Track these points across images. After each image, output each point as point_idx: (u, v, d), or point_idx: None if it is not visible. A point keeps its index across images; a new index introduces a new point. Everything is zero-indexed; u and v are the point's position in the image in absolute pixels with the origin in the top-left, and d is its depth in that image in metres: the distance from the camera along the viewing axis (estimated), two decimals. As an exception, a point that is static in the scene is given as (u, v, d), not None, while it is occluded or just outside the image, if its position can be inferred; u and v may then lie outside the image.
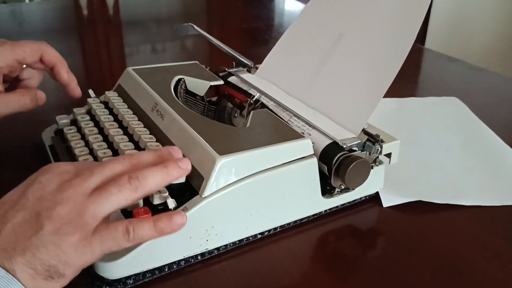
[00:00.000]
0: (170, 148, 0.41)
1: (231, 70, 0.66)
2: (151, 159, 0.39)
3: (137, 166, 0.38)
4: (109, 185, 0.35)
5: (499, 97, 0.87)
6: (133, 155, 0.39)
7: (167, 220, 0.36)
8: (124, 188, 0.35)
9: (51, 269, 0.33)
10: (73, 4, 1.52)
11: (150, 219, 0.36)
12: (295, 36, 0.62)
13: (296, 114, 0.53)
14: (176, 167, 0.38)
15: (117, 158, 0.38)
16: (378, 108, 0.77)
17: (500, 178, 0.59)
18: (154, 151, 0.40)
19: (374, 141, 0.50)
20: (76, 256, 0.33)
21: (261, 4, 1.63)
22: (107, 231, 0.35)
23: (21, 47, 0.51)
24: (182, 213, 0.38)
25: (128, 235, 0.35)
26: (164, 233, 0.37)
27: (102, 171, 0.36)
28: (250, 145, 0.44)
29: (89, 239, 0.34)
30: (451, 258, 0.46)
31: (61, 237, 0.33)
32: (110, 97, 0.59)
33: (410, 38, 0.49)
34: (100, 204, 0.34)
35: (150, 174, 0.37)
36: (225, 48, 0.68)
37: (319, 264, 0.45)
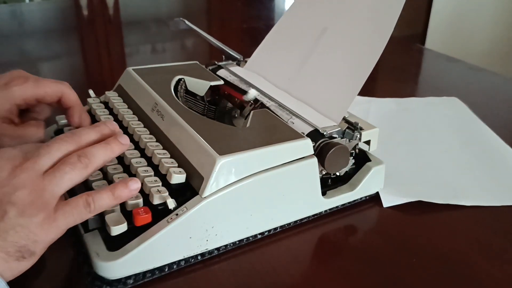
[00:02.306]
0: (108, 122, 0.44)
1: (221, 63, 0.68)
2: (92, 137, 0.42)
3: (80, 144, 0.40)
4: (61, 164, 0.38)
5: (499, 97, 0.87)
6: (75, 133, 0.41)
7: (123, 187, 0.39)
8: (75, 166, 0.38)
9: (22, 249, 0.35)
10: (73, 4, 1.52)
11: (107, 188, 0.39)
12: (282, 31, 0.65)
13: (281, 104, 0.55)
14: (118, 143, 0.42)
15: (60, 137, 0.40)
16: (378, 108, 0.78)
17: (500, 178, 0.59)
18: (94, 127, 0.43)
19: (354, 129, 0.51)
20: (44, 234, 0.36)
21: (261, 4, 1.63)
22: (68, 207, 0.37)
23: (42, 87, 0.50)
24: (136, 179, 0.40)
25: (89, 206, 0.38)
26: (122, 199, 0.40)
27: (49, 152, 0.38)
28: (250, 145, 0.44)
29: (53, 217, 0.36)
30: (451, 258, 0.46)
31: (26, 218, 0.35)
32: (110, 97, 0.59)
33: (387, 32, 0.52)
34: (57, 183, 0.37)
35: (96, 151, 0.40)
36: (215, 42, 0.69)
37: (319, 264, 0.45)
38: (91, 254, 0.39)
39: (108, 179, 0.45)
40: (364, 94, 0.82)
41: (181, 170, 0.44)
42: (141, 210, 0.41)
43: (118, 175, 0.45)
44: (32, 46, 1.11)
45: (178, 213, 0.41)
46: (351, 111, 0.57)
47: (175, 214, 0.41)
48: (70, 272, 0.43)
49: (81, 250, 0.42)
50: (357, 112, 0.57)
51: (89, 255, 0.40)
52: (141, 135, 0.50)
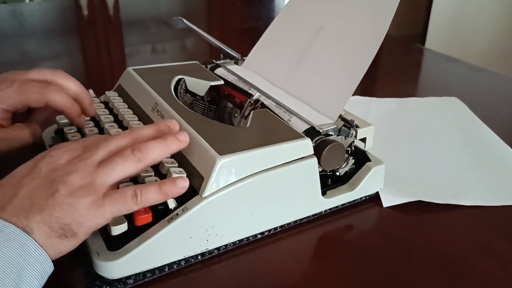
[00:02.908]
0: (168, 121, 0.45)
1: (219, 62, 0.68)
2: (150, 133, 0.43)
3: (138, 140, 0.42)
4: (115, 156, 0.39)
5: (499, 97, 0.87)
6: (134, 130, 0.43)
7: (171, 184, 0.40)
8: (128, 159, 0.39)
9: (65, 227, 0.36)
10: (73, 4, 1.52)
11: (155, 183, 0.40)
12: (279, 29, 0.66)
13: (278, 102, 0.55)
14: (175, 139, 0.42)
15: (120, 134, 0.42)
16: (378, 108, 0.78)
17: (500, 178, 0.59)
18: (153, 125, 0.44)
19: (350, 126, 0.52)
20: (89, 216, 0.36)
21: (261, 4, 1.63)
22: (116, 195, 0.38)
23: (26, 93, 0.49)
24: (185, 177, 0.41)
25: (136, 198, 0.38)
26: (169, 196, 0.40)
27: (107, 146, 0.40)
28: (250, 145, 0.44)
29: (100, 202, 0.37)
30: (451, 258, 0.46)
31: (75, 198, 0.36)
32: (110, 97, 0.60)
33: (383, 30, 0.52)
34: (108, 173, 0.38)
35: (151, 146, 0.41)
36: (213, 41, 0.70)
37: (319, 264, 0.45)
38: (91, 254, 0.40)
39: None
40: (364, 94, 0.83)
41: (181, 170, 0.44)
42: (141, 210, 0.41)
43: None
44: (32, 46, 1.11)
45: (178, 213, 0.41)
46: (351, 111, 0.57)
47: (176, 214, 0.41)
48: (70, 272, 0.43)
49: (81, 250, 0.42)
50: (357, 112, 0.57)
51: (90, 255, 0.40)
52: (141, 135, 0.50)
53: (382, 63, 1.07)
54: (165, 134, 0.43)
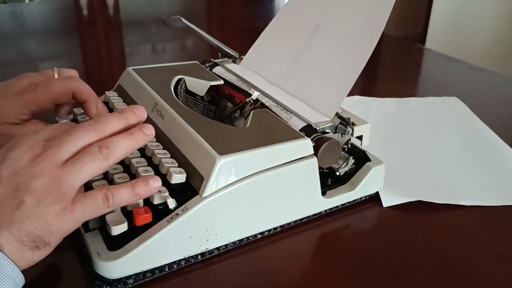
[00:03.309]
0: (135, 108, 0.42)
1: (217, 61, 0.68)
2: (117, 126, 0.40)
3: (104, 133, 0.39)
4: (81, 155, 0.37)
5: (499, 97, 0.87)
6: (99, 121, 0.39)
7: (143, 184, 0.39)
8: (96, 158, 0.37)
9: (36, 239, 0.35)
10: (73, 4, 1.52)
11: (127, 184, 0.38)
12: (277, 29, 0.66)
13: (275, 101, 0.56)
14: (142, 133, 0.40)
15: (83, 125, 0.39)
16: (378, 108, 0.78)
17: (500, 178, 0.59)
18: (120, 114, 0.41)
19: (346, 124, 0.52)
20: (60, 225, 0.35)
21: (261, 4, 1.63)
22: (87, 199, 0.37)
23: (53, 89, 0.50)
24: (156, 177, 0.40)
25: (108, 201, 0.37)
26: (141, 197, 0.39)
27: (71, 141, 0.37)
28: (250, 145, 0.44)
29: (70, 208, 0.36)
30: (451, 258, 0.46)
31: (43, 208, 0.34)
32: (110, 97, 0.60)
33: (379, 29, 0.53)
34: (75, 174, 0.36)
35: (118, 142, 0.38)
36: (211, 39, 0.70)
37: (319, 264, 0.45)
38: (91, 254, 0.40)
39: (108, 179, 0.45)
40: (364, 94, 0.83)
41: (181, 170, 0.44)
42: (141, 210, 0.41)
43: (118, 175, 0.45)
44: (32, 46, 1.11)
45: (178, 213, 0.41)
46: (352, 111, 0.57)
47: (175, 214, 0.41)
48: (70, 272, 0.43)
49: (81, 250, 0.42)
50: (357, 112, 0.57)
51: (90, 255, 0.40)
52: (141, 135, 0.50)
53: (382, 63, 1.07)
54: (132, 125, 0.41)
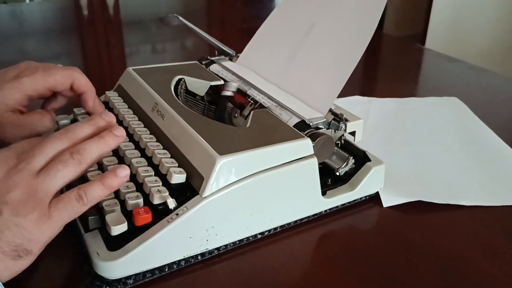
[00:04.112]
0: (104, 114, 0.43)
1: (214, 58, 0.69)
2: (86, 131, 0.41)
3: (75, 140, 0.40)
4: (54, 163, 0.37)
5: (499, 97, 0.87)
6: (69, 129, 0.41)
7: (113, 176, 0.39)
8: (68, 164, 0.38)
9: (18, 248, 0.35)
10: (73, 4, 1.52)
11: (97, 179, 0.39)
12: (273, 27, 0.67)
13: (270, 97, 0.57)
14: (112, 135, 0.41)
15: (55, 135, 0.40)
16: (378, 108, 0.78)
17: (500, 178, 0.59)
18: (88, 120, 0.42)
19: (339, 120, 0.53)
20: (39, 232, 0.35)
21: (261, 4, 1.63)
22: (62, 203, 0.37)
23: (52, 75, 0.50)
24: (124, 166, 0.40)
25: (82, 199, 0.37)
26: (113, 188, 0.39)
27: (43, 151, 0.38)
28: (250, 145, 0.44)
29: (47, 215, 0.36)
30: (451, 258, 0.46)
31: (20, 217, 0.35)
32: (110, 97, 0.60)
33: (371, 27, 0.54)
34: (50, 182, 0.37)
35: (89, 146, 0.39)
36: (208, 37, 0.71)
37: (319, 264, 0.45)
38: (91, 254, 0.40)
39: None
40: (364, 94, 0.83)
41: (181, 170, 0.44)
42: (141, 210, 0.41)
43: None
44: (32, 46, 1.11)
45: (178, 213, 0.41)
46: (352, 111, 0.57)
47: (175, 214, 0.41)
48: (70, 272, 0.43)
49: (81, 250, 0.42)
50: (357, 112, 0.57)
51: (89, 255, 0.40)
52: (141, 135, 0.50)
53: (382, 63, 1.07)
54: (102, 129, 0.42)
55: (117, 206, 0.42)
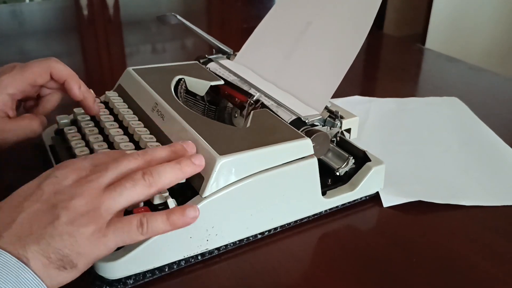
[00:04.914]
0: (184, 143, 0.42)
1: (211, 57, 0.69)
2: (164, 155, 0.40)
3: (151, 162, 0.39)
4: (124, 180, 0.36)
5: (499, 97, 0.87)
6: (147, 151, 0.40)
7: (180, 214, 0.37)
8: (138, 184, 0.36)
9: (64, 258, 0.33)
10: (73, 4, 1.52)
11: (163, 212, 0.37)
12: (270, 25, 0.67)
13: (267, 95, 0.57)
14: (190, 163, 0.40)
15: (132, 154, 0.39)
16: (378, 108, 0.78)
17: (500, 178, 0.59)
18: (168, 146, 0.41)
19: (335, 117, 0.54)
20: (90, 247, 0.34)
21: (261, 4, 1.63)
22: (121, 224, 0.35)
23: (29, 68, 0.50)
24: (195, 206, 0.38)
25: (142, 228, 0.36)
26: (177, 226, 0.37)
27: (117, 167, 0.37)
28: (250, 145, 0.44)
29: (103, 232, 0.34)
30: (451, 258, 0.46)
31: (76, 228, 0.33)
32: (110, 97, 0.60)
33: (366, 26, 0.54)
34: (115, 199, 0.35)
35: (163, 170, 0.38)
36: (205, 36, 0.71)
37: (319, 264, 0.45)
38: (91, 254, 0.39)
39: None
40: (364, 94, 0.83)
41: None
42: (141, 210, 0.41)
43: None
44: (32, 46, 1.11)
45: (178, 213, 0.41)
46: (352, 111, 0.57)
47: (175, 214, 0.41)
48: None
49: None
50: (357, 112, 0.57)
51: (89, 255, 0.40)
52: (142, 135, 0.50)
53: (382, 63, 1.07)
54: (179, 156, 0.41)
55: None
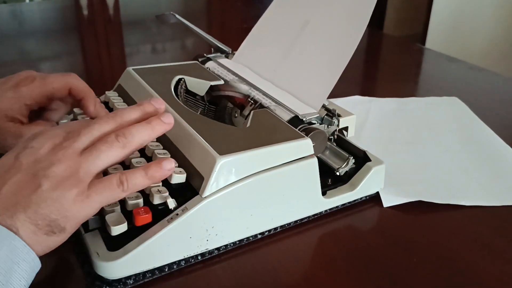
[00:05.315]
0: (153, 100, 0.43)
1: (210, 56, 0.70)
2: (135, 116, 0.41)
3: (122, 124, 0.40)
4: (99, 143, 0.38)
5: (499, 97, 0.87)
6: (117, 113, 0.41)
7: (157, 167, 0.39)
8: (112, 146, 0.38)
9: (52, 223, 0.35)
10: (73, 4, 1.52)
11: (140, 168, 0.39)
12: (268, 24, 0.68)
13: (265, 93, 0.58)
14: (160, 122, 0.41)
15: (102, 118, 0.40)
16: (378, 108, 0.78)
17: (500, 178, 0.59)
18: (137, 106, 0.42)
19: (332, 115, 0.54)
20: (76, 209, 0.36)
21: (261, 4, 1.63)
22: (102, 184, 0.37)
23: (49, 83, 0.50)
24: (170, 159, 0.40)
25: (123, 185, 0.37)
26: (155, 179, 0.39)
27: (90, 131, 0.38)
28: (250, 145, 0.44)
29: (86, 193, 0.36)
30: (451, 258, 0.46)
31: (60, 192, 0.35)
32: (110, 97, 0.60)
33: (363, 24, 0.55)
34: (92, 161, 0.37)
35: (135, 131, 0.39)
36: (204, 35, 0.72)
37: (319, 264, 0.45)
38: (91, 254, 0.40)
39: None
40: (364, 94, 0.83)
41: (181, 170, 0.44)
42: (141, 210, 0.41)
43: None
44: (32, 46, 1.11)
45: (178, 213, 0.41)
46: (352, 111, 0.57)
47: (175, 214, 0.41)
48: (70, 272, 0.43)
49: (81, 250, 0.42)
50: (357, 112, 0.57)
51: (89, 255, 0.40)
52: (141, 135, 0.50)
53: (382, 63, 1.07)
54: (149, 115, 0.42)
55: (117, 206, 0.42)
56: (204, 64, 0.67)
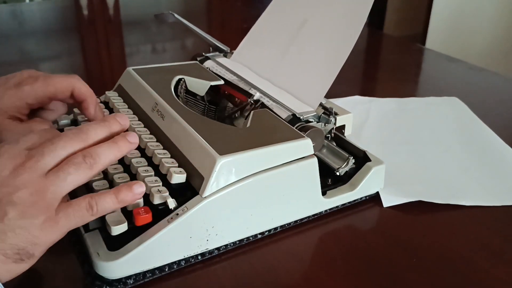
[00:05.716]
0: (118, 116, 0.42)
1: (208, 55, 0.70)
2: (100, 134, 0.40)
3: (87, 142, 0.39)
4: (65, 165, 0.36)
5: (499, 97, 0.87)
6: (82, 130, 0.39)
7: (127, 191, 0.38)
8: (80, 167, 0.37)
9: (21, 251, 0.34)
10: (73, 4, 1.52)
11: (111, 191, 0.38)
12: (266, 23, 0.68)
13: (263, 92, 0.58)
14: (126, 142, 0.40)
15: (66, 134, 0.38)
16: (378, 108, 0.78)
17: (500, 178, 0.59)
18: (102, 121, 0.41)
19: (329, 114, 0.55)
20: (44, 236, 0.35)
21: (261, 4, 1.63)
22: (71, 209, 0.36)
23: (52, 84, 0.50)
24: (140, 182, 0.40)
25: (92, 209, 0.37)
26: (126, 203, 0.39)
27: (54, 150, 0.37)
28: (250, 145, 0.44)
29: (54, 219, 0.35)
30: (451, 258, 0.46)
31: (27, 220, 0.34)
32: (110, 97, 0.60)
33: (360, 24, 0.55)
34: (59, 185, 0.36)
35: (102, 151, 0.38)
36: (203, 34, 0.72)
37: (319, 264, 0.45)
38: (91, 254, 0.40)
39: (108, 179, 0.45)
40: (364, 94, 0.83)
41: (182, 170, 0.44)
42: (141, 210, 0.41)
43: (119, 175, 0.45)
44: (32, 46, 1.11)
45: (179, 213, 0.41)
46: (352, 111, 0.58)
47: (176, 214, 0.41)
48: (70, 272, 0.43)
49: (82, 250, 0.42)
50: (357, 112, 0.57)
51: (90, 255, 0.40)
52: (142, 135, 0.50)
53: (382, 63, 1.07)
54: (115, 133, 0.41)
55: None
56: (202, 63, 0.67)
